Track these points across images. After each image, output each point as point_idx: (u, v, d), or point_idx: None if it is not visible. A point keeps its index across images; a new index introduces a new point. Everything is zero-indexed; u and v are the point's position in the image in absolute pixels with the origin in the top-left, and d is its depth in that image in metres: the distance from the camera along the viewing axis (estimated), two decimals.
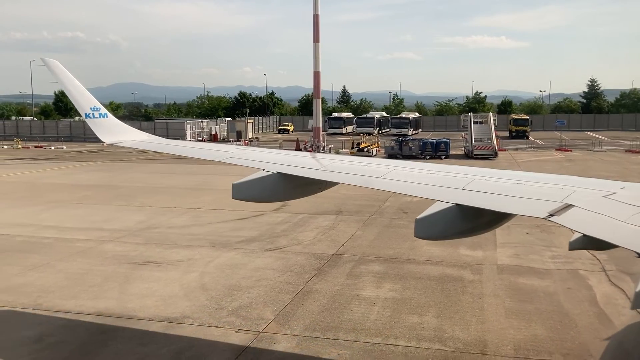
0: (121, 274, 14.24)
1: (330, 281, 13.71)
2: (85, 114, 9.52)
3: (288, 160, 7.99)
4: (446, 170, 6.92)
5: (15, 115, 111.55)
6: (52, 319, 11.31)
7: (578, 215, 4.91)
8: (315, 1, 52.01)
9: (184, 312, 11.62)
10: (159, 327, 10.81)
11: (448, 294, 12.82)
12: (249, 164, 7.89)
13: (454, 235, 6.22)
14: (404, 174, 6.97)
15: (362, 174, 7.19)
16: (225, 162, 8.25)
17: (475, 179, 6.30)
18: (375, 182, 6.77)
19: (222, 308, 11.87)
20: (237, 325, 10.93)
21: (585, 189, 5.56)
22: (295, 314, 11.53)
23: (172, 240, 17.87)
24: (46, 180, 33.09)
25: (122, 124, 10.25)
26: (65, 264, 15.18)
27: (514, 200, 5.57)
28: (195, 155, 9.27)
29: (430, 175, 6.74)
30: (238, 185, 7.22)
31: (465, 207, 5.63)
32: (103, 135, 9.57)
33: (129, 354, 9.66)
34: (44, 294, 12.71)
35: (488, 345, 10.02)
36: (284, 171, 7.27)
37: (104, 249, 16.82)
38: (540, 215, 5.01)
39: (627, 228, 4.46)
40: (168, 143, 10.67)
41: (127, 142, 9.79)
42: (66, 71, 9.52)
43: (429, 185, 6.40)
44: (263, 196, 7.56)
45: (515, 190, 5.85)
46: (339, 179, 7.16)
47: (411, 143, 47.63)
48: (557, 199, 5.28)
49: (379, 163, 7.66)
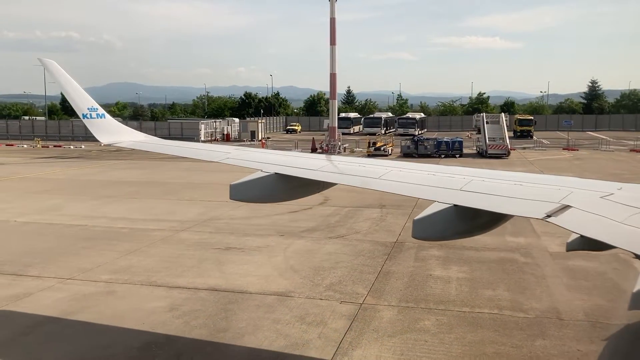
0: (212, 258, 15.81)
1: (401, 264, 15.33)
2: (83, 115, 9.51)
3: (285, 160, 7.94)
4: (444, 171, 6.87)
5: (21, 116, 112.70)
6: (172, 293, 12.87)
7: (575, 216, 4.91)
8: (332, 5, 53.58)
9: (287, 288, 13.22)
10: (273, 300, 12.40)
11: (511, 274, 14.46)
12: (246, 164, 7.86)
13: (452, 236, 6.24)
14: (401, 175, 6.93)
15: (360, 174, 7.18)
16: (222, 162, 8.20)
17: (473, 179, 6.29)
18: (373, 183, 6.76)
19: (317, 285, 13.48)
20: (338, 298, 12.55)
21: (583, 190, 5.57)
22: (385, 290, 13.16)
23: (241, 230, 19.44)
24: (87, 177, 34.54)
25: (119, 125, 10.26)
26: (155, 250, 16.74)
27: (511, 201, 5.59)
28: (193, 155, 9.22)
29: (428, 176, 6.71)
30: (236, 186, 7.19)
31: (463, 208, 5.63)
32: (100, 136, 9.57)
33: (262, 319, 11.24)
34: (152, 274, 14.27)
35: (562, 313, 11.66)
36: (281, 172, 7.26)
37: (182, 237, 18.38)
38: (538, 216, 5.02)
39: (625, 229, 4.46)
40: (165, 144, 10.60)
41: (125, 143, 9.76)
42: (63, 71, 9.53)
43: (426, 186, 6.37)
44: (261, 197, 7.53)
45: (512, 191, 5.86)
46: (336, 180, 7.13)
47: (426, 142, 49.37)
48: (554, 199, 5.28)
49: (377, 164, 7.65)
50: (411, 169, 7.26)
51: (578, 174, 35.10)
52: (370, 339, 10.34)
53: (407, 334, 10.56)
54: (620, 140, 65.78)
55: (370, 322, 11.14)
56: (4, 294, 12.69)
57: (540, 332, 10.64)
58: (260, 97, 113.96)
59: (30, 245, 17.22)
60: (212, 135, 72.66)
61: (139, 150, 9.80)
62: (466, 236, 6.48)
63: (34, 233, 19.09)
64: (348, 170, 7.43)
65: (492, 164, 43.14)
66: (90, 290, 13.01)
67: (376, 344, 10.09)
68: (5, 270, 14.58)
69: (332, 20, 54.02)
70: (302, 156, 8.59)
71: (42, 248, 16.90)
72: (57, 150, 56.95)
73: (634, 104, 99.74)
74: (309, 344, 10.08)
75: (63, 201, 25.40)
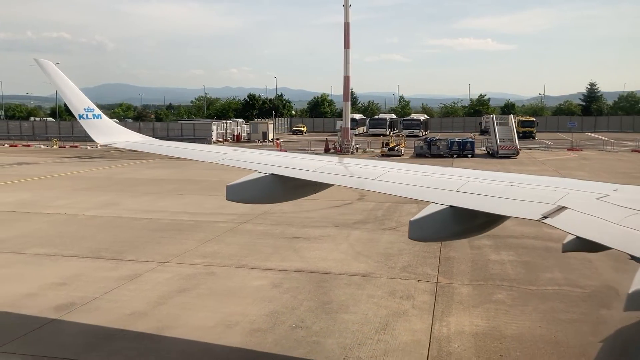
0: (285, 245, 17.41)
1: (459, 251, 16.97)
2: (79, 115, 9.53)
3: (282, 161, 7.98)
4: (440, 172, 6.90)
5: (26, 117, 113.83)
6: (267, 274, 14.45)
7: (571, 217, 4.92)
8: (346, 11, 55.30)
9: (366, 270, 14.86)
10: (359, 279, 14.04)
11: (558, 258, 16.14)
12: (243, 165, 7.91)
13: (448, 237, 6.27)
14: (398, 176, 6.93)
15: (357, 175, 7.27)
16: (219, 163, 8.27)
17: (470, 181, 6.30)
18: (369, 184, 6.82)
19: (392, 267, 15.13)
20: (414, 278, 14.21)
21: (578, 191, 5.59)
22: (452, 271, 14.84)
23: (297, 222, 21.03)
24: (122, 176, 36.01)
25: (115, 125, 10.32)
26: (229, 239, 18.32)
27: (507, 202, 5.62)
28: (189, 156, 9.28)
29: (425, 178, 6.72)
30: (232, 186, 7.20)
31: (460, 209, 5.64)
32: (97, 136, 9.59)
33: (357, 294, 12.87)
34: (240, 258, 15.87)
35: (616, 289, 13.38)
36: (278, 173, 7.29)
37: (247, 229, 19.96)
38: (534, 217, 5.02)
39: (620, 230, 4.47)
40: (161, 144, 10.62)
41: (121, 143, 9.80)
42: (60, 72, 9.56)
43: (423, 187, 6.38)
44: (257, 198, 7.54)
45: (508, 192, 5.89)
46: (333, 181, 7.12)
47: (439, 143, 51.17)
48: (550, 201, 5.29)
49: (374, 165, 7.68)
50: (408, 170, 7.24)
51: (592, 173, 37.03)
52: (458, 308, 12.02)
53: (488, 305, 12.24)
54: (619, 141, 67.82)
55: (452, 297, 12.82)
56: (117, 275, 14.26)
57: (602, 304, 12.35)
58: (264, 99, 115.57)
59: (113, 236, 18.76)
60: (224, 136, 74.14)
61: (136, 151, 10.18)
62: (462, 237, 6.57)
63: (107, 225, 20.61)
64: (345, 172, 7.47)
65: (504, 163, 45.05)
66: (192, 272, 14.60)
67: (465, 313, 11.76)
68: (105, 256, 16.13)
69: (347, 25, 55.72)
70: (298, 157, 8.63)
71: (125, 238, 18.44)
72: (76, 151, 58.28)
73: (631, 106, 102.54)
74: (408, 313, 11.74)
75: (115, 197, 26.89)
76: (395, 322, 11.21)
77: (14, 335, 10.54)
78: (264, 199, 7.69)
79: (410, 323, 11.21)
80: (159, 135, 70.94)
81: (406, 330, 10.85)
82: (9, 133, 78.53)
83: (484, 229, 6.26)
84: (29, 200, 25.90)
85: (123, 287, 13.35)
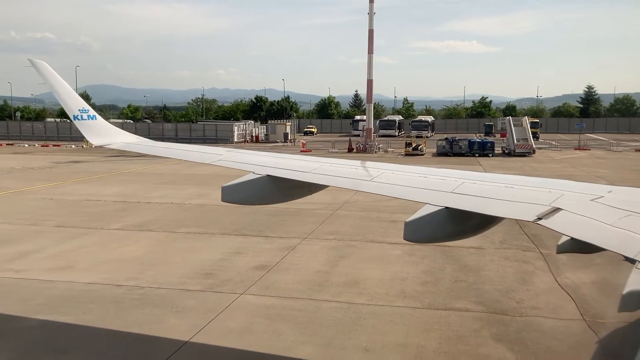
0: (392, 227, 20.38)
1: (540, 229, 20.20)
2: (74, 116, 9.52)
3: (277, 162, 8.02)
4: (436, 174, 6.95)
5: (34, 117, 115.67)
6: (395, 246, 17.46)
7: (566, 218, 4.96)
8: (371, 18, 58.65)
9: (473, 244, 17.83)
10: (475, 250, 17.15)
11: None
12: (238, 166, 7.96)
13: (443, 238, 6.33)
14: (393, 177, 6.99)
15: (352, 176, 7.30)
16: (214, 164, 8.32)
17: (465, 182, 6.35)
18: (364, 185, 6.87)
19: (493, 242, 18.21)
20: (517, 248, 17.38)
21: (573, 193, 5.65)
22: (547, 244, 18.04)
23: (382, 209, 23.85)
24: (184, 172, 38.76)
25: (110, 126, 10.31)
26: (338, 221, 21.28)
27: (502, 204, 5.67)
28: (184, 157, 9.38)
29: (420, 179, 6.76)
30: (227, 188, 7.22)
31: (455, 210, 5.68)
32: (91, 137, 9.65)
33: (481, 260, 16.07)
34: (363, 235, 18.94)
35: None
36: (273, 174, 7.33)
37: (343, 214, 22.93)
38: (529, 218, 5.06)
39: (614, 231, 4.52)
40: (156, 145, 10.64)
41: (116, 144, 9.78)
42: (54, 72, 9.56)
43: (418, 189, 6.41)
44: (252, 199, 7.60)
45: (504, 193, 5.93)
46: (328, 182, 7.17)
47: (461, 142, 54.68)
48: (545, 202, 5.33)
49: (369, 166, 7.80)
50: (403, 171, 7.28)
51: (612, 170, 40.61)
52: (570, 268, 15.21)
53: (594, 267, 15.42)
54: (619, 141, 71.87)
55: (558, 262, 16.05)
56: (276, 247, 17.27)
57: None
58: (272, 101, 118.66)
59: (236, 219, 21.63)
60: (244, 136, 77.01)
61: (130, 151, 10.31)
62: (457, 238, 6.60)
63: (220, 212, 23.38)
64: (340, 173, 7.46)
65: (525, 161, 48.58)
66: (334, 245, 17.66)
67: (577, 271, 14.95)
68: (249, 234, 19.10)
69: (371, 32, 59.10)
70: (294, 158, 8.75)
71: (246, 220, 21.30)
72: (110, 150, 60.50)
73: (627, 108, 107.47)
74: (533, 273, 14.93)
75: (199, 190, 29.69)
76: (529, 278, 14.42)
77: (250, 283, 13.62)
78: (260, 200, 7.74)
79: (539, 278, 14.42)
80: (181, 137, 73.55)
81: (541, 282, 14.07)
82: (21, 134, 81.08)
83: (479, 230, 6.35)
84: (126, 193, 28.70)
85: (290, 256, 16.37)
